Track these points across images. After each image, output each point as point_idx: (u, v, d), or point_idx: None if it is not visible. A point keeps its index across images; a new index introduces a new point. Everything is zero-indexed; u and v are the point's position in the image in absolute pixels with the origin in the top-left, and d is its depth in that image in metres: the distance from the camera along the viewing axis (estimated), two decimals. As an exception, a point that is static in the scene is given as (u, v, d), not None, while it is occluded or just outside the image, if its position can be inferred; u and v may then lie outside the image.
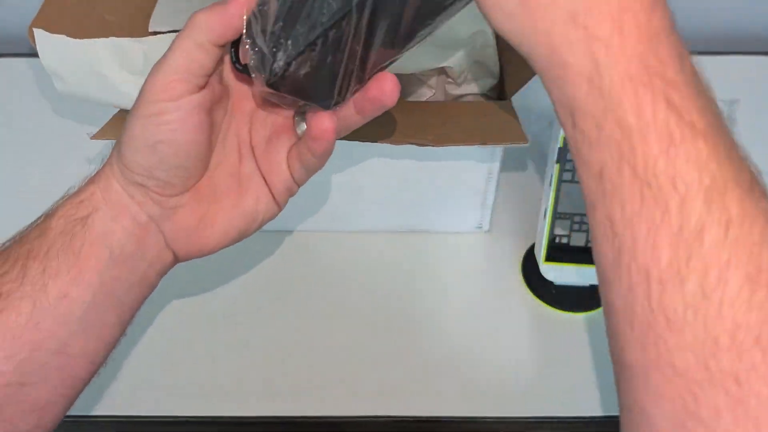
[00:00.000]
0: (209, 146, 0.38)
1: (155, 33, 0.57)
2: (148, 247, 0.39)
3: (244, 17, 0.34)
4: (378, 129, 0.50)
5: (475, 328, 0.55)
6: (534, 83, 0.60)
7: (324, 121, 0.37)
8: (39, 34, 0.47)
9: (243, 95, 0.40)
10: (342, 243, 0.59)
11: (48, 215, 0.39)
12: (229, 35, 0.35)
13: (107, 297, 0.38)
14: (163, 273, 0.40)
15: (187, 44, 0.35)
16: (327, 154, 0.39)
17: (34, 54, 0.49)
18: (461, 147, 0.51)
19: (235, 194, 0.40)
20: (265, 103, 0.40)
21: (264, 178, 0.41)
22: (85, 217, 0.38)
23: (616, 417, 0.51)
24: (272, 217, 0.42)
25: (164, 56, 0.36)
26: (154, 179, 0.37)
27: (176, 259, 0.40)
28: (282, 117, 0.41)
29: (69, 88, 0.50)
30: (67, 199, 0.39)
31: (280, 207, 0.42)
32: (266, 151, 0.41)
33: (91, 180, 0.39)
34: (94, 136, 0.49)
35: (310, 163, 0.39)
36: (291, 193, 0.42)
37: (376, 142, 0.48)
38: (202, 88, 0.36)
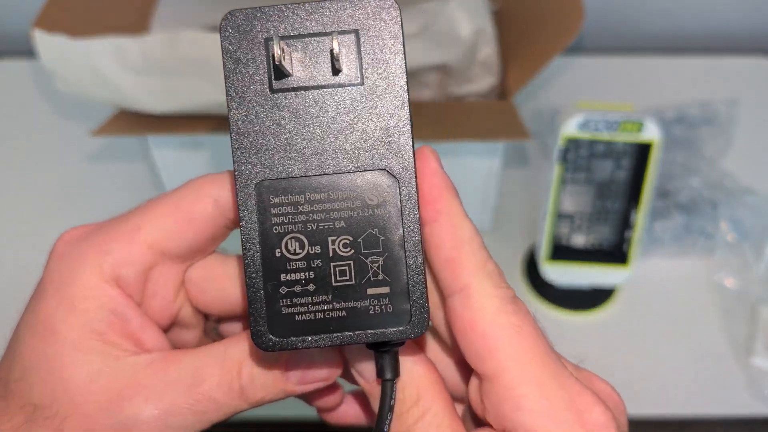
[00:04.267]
0: None
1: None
2: None
3: None
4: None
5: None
6: (535, 83, 0.60)
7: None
8: (39, 34, 0.47)
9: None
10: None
11: None
12: None
13: None
14: None
15: None
16: None
17: (34, 54, 0.49)
18: (462, 144, 0.51)
19: None
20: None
21: None
22: None
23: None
24: None
25: None
26: None
27: None
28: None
29: (69, 88, 0.50)
30: None
31: None
32: None
33: None
34: (95, 132, 0.49)
35: None
36: None
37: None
38: None
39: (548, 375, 0.22)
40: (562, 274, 0.55)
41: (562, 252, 0.55)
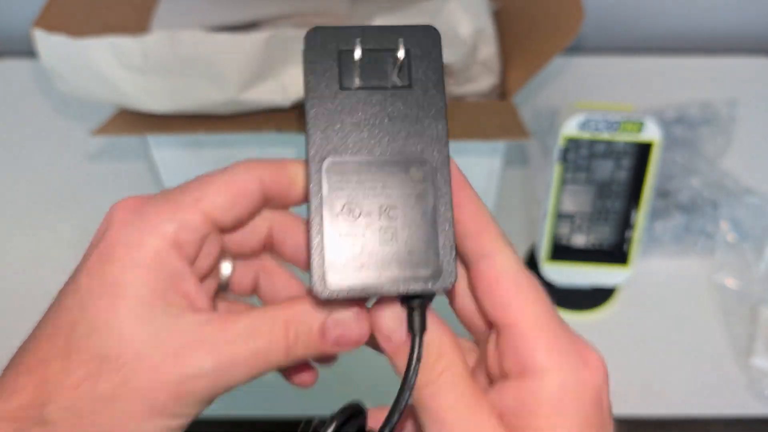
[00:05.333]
0: None
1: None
2: None
3: None
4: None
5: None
6: (535, 83, 0.60)
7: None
8: (39, 34, 0.47)
9: None
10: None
11: None
12: None
13: None
14: None
15: None
16: None
17: (34, 54, 0.49)
18: (462, 143, 0.51)
19: None
20: None
21: None
22: None
23: (618, 417, 0.51)
24: None
25: None
26: None
27: None
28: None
29: (69, 88, 0.50)
30: None
31: None
32: None
33: None
34: (95, 132, 0.49)
35: None
36: None
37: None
38: None
39: (557, 324, 0.27)
40: (562, 274, 0.55)
41: (562, 252, 0.55)
